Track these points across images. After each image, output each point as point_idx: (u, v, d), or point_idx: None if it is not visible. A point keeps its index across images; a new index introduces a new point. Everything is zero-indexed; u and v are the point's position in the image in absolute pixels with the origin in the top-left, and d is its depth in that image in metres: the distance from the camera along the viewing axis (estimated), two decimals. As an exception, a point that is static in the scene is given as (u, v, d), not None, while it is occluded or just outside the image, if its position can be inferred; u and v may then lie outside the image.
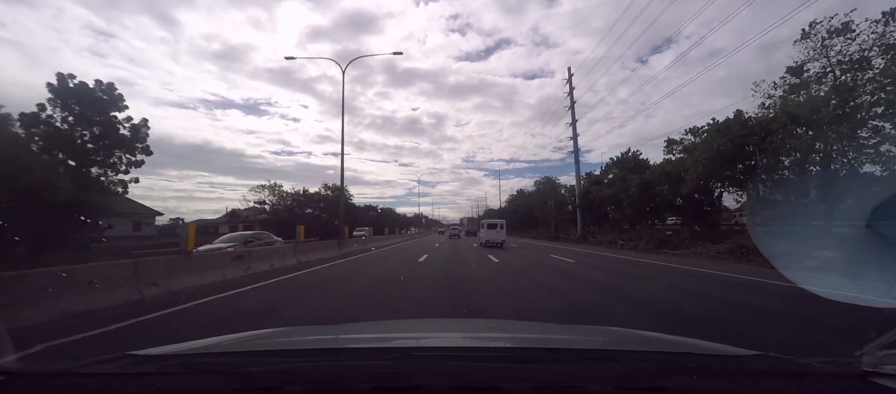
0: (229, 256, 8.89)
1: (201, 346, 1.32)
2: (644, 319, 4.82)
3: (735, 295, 6.56)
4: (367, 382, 0.85)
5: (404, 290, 7.20)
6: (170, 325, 4.61)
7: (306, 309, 5.50)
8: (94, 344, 3.78)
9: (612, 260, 13.57)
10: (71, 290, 4.93)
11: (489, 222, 24.89)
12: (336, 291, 7.01)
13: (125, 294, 5.58)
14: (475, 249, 19.65)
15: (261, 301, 6.07)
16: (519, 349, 1.39)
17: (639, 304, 5.88)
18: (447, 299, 6.19)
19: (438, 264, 11.84)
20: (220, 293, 6.52)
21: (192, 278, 7.04)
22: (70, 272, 5.12)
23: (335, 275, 9.42)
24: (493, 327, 2.33)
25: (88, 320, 4.49)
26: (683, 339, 1.58)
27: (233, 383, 0.88)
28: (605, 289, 7.23)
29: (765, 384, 0.94)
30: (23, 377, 0.91)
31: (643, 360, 1.19)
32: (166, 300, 5.76)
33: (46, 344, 3.65)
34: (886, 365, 0.87)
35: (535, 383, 0.85)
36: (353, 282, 8.22)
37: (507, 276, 9.05)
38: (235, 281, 7.74)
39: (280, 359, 1.13)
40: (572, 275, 9.18)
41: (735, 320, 4.91)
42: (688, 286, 7.59)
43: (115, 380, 0.95)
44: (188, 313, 5.23)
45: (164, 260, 6.86)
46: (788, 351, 1.61)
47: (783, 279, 7.78)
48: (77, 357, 1.11)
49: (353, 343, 1.48)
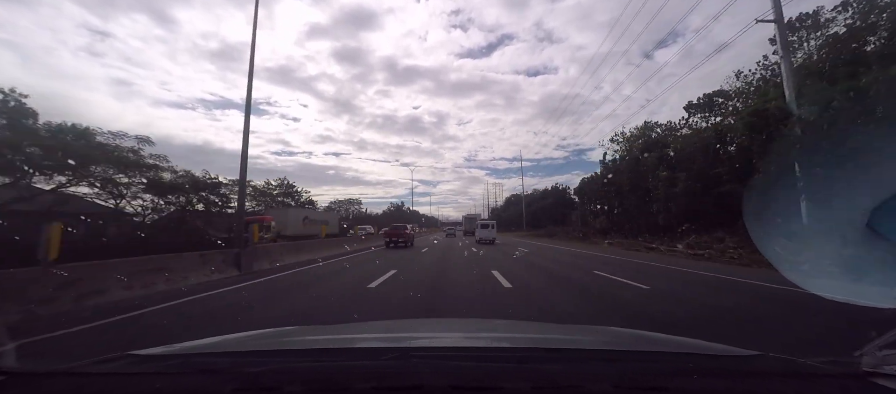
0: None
1: (201, 346, 1.32)
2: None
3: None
4: (368, 382, 0.86)
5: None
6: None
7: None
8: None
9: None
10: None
11: (482, 222, 29.44)
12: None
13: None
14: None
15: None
16: (519, 349, 1.39)
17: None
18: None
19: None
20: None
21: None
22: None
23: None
24: (494, 327, 2.33)
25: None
26: (683, 339, 1.58)
27: (233, 383, 0.88)
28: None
29: (765, 384, 0.94)
30: (23, 377, 0.91)
31: (643, 360, 1.19)
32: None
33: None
34: (886, 365, 0.87)
35: (535, 383, 0.86)
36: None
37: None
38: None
39: (280, 359, 1.13)
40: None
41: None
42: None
43: (115, 380, 0.95)
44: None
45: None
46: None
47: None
48: (77, 357, 1.11)
49: (354, 343, 1.48)
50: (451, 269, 10.45)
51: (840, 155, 11.03)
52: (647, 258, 14.21)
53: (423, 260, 13.20)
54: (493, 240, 26.62)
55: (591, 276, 9.07)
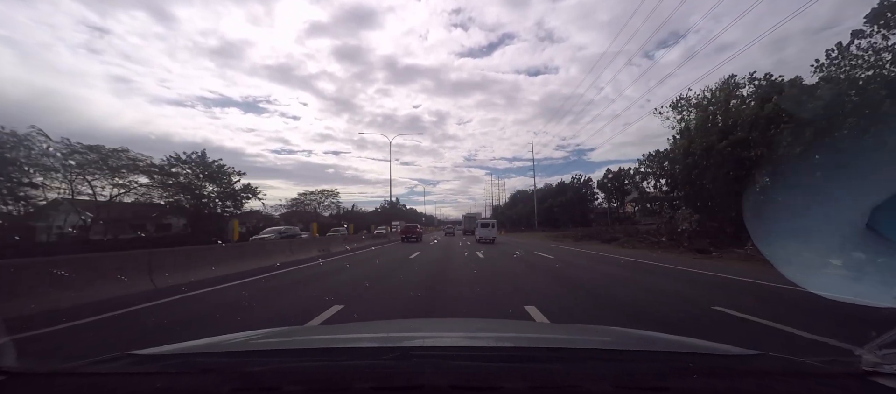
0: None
1: (201, 345, 1.32)
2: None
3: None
4: (368, 382, 0.85)
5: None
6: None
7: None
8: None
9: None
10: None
11: (482, 221, 29.56)
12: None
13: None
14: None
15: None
16: (519, 349, 1.39)
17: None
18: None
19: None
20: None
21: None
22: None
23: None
24: (494, 326, 2.34)
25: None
26: (684, 338, 1.58)
27: (233, 382, 0.88)
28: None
29: (765, 384, 0.93)
30: (23, 377, 0.91)
31: (643, 360, 1.19)
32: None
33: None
34: (886, 365, 0.87)
35: (535, 382, 0.86)
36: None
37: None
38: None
39: (280, 359, 1.13)
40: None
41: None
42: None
43: (116, 380, 0.95)
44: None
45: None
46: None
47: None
48: (77, 357, 1.11)
49: (354, 343, 1.48)
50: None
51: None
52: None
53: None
54: (493, 239, 26.93)
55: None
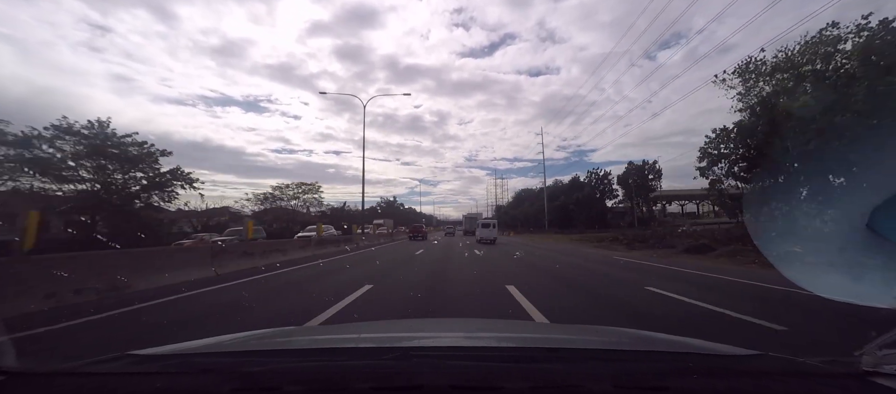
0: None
1: (201, 346, 1.32)
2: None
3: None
4: (368, 382, 0.86)
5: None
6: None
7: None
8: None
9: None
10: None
11: (483, 222, 29.55)
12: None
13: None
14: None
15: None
16: (519, 349, 1.39)
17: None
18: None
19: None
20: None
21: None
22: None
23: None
24: (494, 326, 2.34)
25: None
26: (684, 338, 1.58)
27: (233, 382, 0.88)
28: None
29: (765, 384, 0.93)
30: (23, 377, 0.91)
31: (643, 360, 1.19)
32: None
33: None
34: (886, 365, 0.87)
35: (535, 382, 0.86)
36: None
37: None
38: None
39: (280, 359, 1.13)
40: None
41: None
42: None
43: (116, 380, 0.95)
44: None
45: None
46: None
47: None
48: (77, 357, 1.11)
49: (353, 343, 1.48)
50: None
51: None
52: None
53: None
54: (493, 240, 27.06)
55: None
